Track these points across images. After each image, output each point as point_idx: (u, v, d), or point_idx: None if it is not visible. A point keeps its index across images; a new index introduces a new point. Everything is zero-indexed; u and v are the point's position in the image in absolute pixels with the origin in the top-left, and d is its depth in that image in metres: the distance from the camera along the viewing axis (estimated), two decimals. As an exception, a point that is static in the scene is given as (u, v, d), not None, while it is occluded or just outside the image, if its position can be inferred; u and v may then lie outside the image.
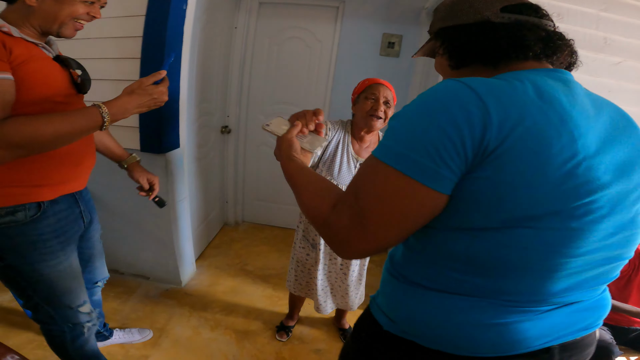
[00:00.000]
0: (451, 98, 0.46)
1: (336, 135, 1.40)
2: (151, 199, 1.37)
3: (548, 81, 0.50)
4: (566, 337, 0.54)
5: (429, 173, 0.46)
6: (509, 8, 0.57)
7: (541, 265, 0.49)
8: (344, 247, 0.52)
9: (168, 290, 2.06)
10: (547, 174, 0.44)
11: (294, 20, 2.46)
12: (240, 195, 2.92)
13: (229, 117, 2.63)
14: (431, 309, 0.54)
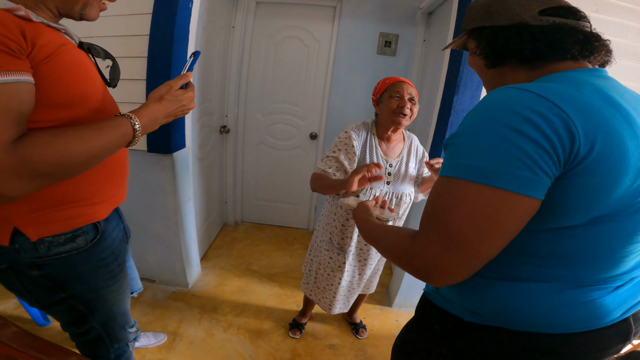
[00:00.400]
0: (527, 108, 0.47)
1: (361, 140, 1.37)
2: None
3: (599, 82, 0.54)
4: (635, 307, 0.61)
5: (529, 183, 0.47)
6: (547, 11, 0.59)
7: (618, 251, 0.55)
8: (436, 274, 0.51)
9: (175, 292, 2.05)
10: (628, 175, 0.49)
11: (291, 20, 2.48)
12: (239, 195, 2.92)
13: (227, 117, 2.63)
14: (520, 298, 0.57)
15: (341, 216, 1.44)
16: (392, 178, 1.39)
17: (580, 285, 0.57)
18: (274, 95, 2.65)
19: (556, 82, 0.53)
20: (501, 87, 0.54)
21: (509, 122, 0.47)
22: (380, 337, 1.89)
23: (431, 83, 2.22)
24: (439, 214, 0.52)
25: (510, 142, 0.46)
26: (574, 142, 0.46)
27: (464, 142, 0.51)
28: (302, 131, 2.73)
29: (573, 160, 0.47)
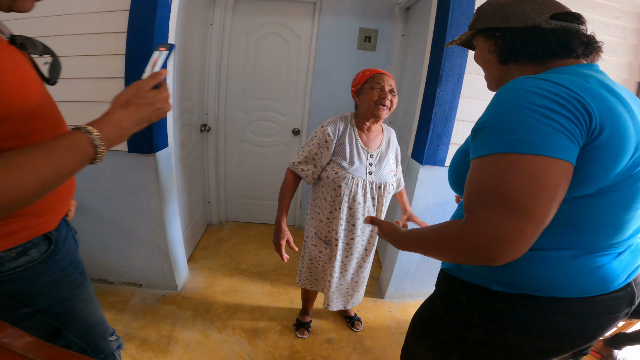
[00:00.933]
0: (550, 92, 0.55)
1: (338, 133, 1.38)
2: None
3: (598, 75, 0.63)
4: (635, 272, 0.71)
5: (570, 150, 0.53)
6: (557, 16, 0.68)
7: (620, 218, 0.63)
8: (500, 249, 0.52)
9: (165, 295, 2.00)
10: (628, 150, 0.57)
11: (271, 16, 2.45)
12: (223, 194, 2.87)
13: (208, 115, 2.57)
14: (544, 266, 0.64)
15: (325, 209, 1.45)
16: (373, 169, 1.41)
17: (591, 251, 0.64)
18: (255, 92, 2.61)
19: (565, 74, 0.61)
20: (520, 77, 0.60)
21: (542, 103, 0.54)
22: (376, 328, 1.92)
23: (411, 76, 2.27)
24: (492, 190, 0.54)
25: (549, 118, 0.53)
26: (592, 120, 0.54)
27: (504, 122, 0.56)
28: (284, 127, 2.71)
29: (591, 135, 0.55)
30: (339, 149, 1.38)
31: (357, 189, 1.38)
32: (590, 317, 0.67)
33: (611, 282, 0.66)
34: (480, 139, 0.58)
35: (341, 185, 1.36)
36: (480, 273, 0.71)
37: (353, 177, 1.36)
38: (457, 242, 0.56)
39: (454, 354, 0.76)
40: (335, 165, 1.37)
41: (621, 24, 1.75)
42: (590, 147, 0.55)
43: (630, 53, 1.80)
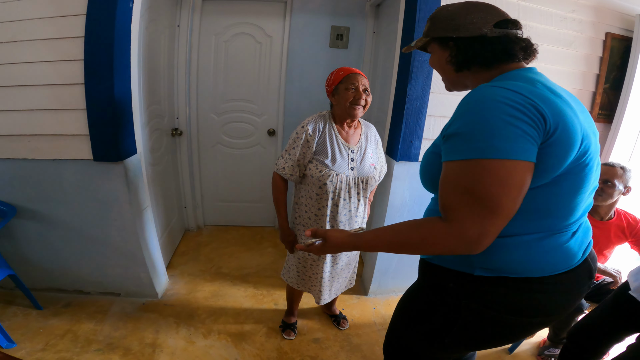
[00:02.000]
0: (511, 100, 0.62)
1: (319, 131, 1.40)
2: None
3: (540, 78, 0.70)
4: (588, 247, 0.80)
5: (532, 152, 0.62)
6: (499, 23, 0.75)
7: (573, 200, 0.71)
8: (481, 239, 0.63)
9: (145, 303, 1.96)
10: (576, 143, 0.65)
11: (241, 17, 2.41)
12: (199, 198, 2.82)
13: (179, 119, 2.51)
14: (517, 250, 0.72)
15: (312, 207, 1.45)
16: (355, 164, 1.43)
17: (553, 233, 0.73)
18: (228, 93, 2.57)
19: (515, 80, 0.69)
20: (482, 86, 0.68)
21: (505, 111, 0.61)
22: (362, 325, 1.93)
23: (383, 73, 2.29)
24: (471, 191, 0.63)
25: (513, 125, 0.61)
26: (546, 122, 0.62)
27: (473, 130, 0.63)
28: (259, 128, 2.69)
29: (546, 135, 0.63)
30: (320, 147, 1.39)
31: (342, 185, 1.40)
32: (560, 292, 0.75)
33: (572, 258, 0.75)
34: (454, 144, 0.66)
35: (326, 183, 1.38)
36: (462, 261, 0.76)
37: (337, 174, 1.38)
38: (446, 239, 0.65)
39: (446, 337, 0.81)
40: (319, 164, 1.38)
41: (577, 17, 1.82)
42: (546, 144, 0.63)
43: (587, 46, 1.87)
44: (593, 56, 1.91)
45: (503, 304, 0.74)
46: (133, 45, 1.52)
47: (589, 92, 1.98)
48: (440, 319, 0.82)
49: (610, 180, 1.54)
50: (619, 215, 1.65)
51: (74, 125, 1.51)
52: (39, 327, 1.70)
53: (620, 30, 1.93)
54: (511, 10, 1.71)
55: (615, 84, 1.98)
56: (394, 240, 0.73)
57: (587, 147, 0.67)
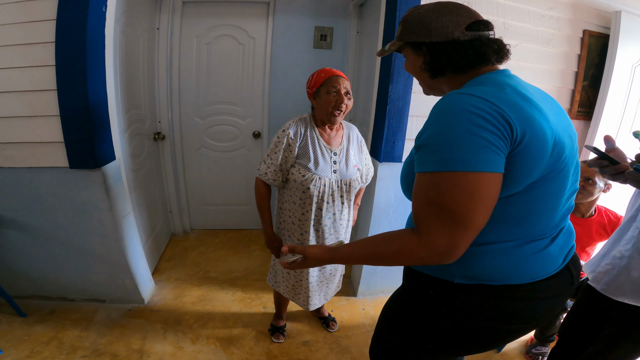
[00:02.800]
0: (477, 109, 0.61)
1: (301, 135, 1.38)
2: None
3: (511, 82, 0.69)
4: (570, 252, 0.79)
5: (498, 162, 0.61)
6: (471, 26, 0.73)
7: (550, 206, 0.71)
8: (452, 251, 0.63)
9: (131, 309, 1.94)
10: (548, 148, 0.64)
11: (222, 18, 2.39)
12: (185, 203, 2.79)
13: (161, 123, 2.47)
14: (495, 257, 0.72)
15: (296, 211, 1.44)
16: (338, 166, 1.42)
17: (530, 239, 0.72)
18: (211, 96, 2.54)
19: (485, 85, 0.68)
20: (451, 93, 0.67)
21: (470, 120, 0.61)
22: (351, 327, 1.92)
23: (367, 74, 2.29)
24: (438, 203, 0.63)
25: (477, 135, 0.60)
26: (512, 130, 0.61)
27: (438, 141, 0.63)
28: (244, 131, 2.66)
29: (514, 143, 0.62)
30: (302, 151, 1.38)
31: (325, 188, 1.38)
32: (539, 300, 0.74)
33: (552, 265, 0.74)
34: (422, 155, 0.66)
35: (309, 188, 1.36)
36: (443, 269, 0.76)
37: (320, 177, 1.37)
38: (418, 251, 0.65)
39: (428, 342, 0.82)
40: (301, 168, 1.37)
41: (555, 15, 1.83)
42: (514, 153, 0.62)
43: (565, 44, 1.89)
44: (571, 54, 1.93)
45: (482, 311, 0.75)
46: (108, 50, 1.49)
47: (568, 90, 2.00)
48: (423, 326, 0.82)
49: (591, 177, 1.55)
50: (599, 212, 1.67)
51: (48, 132, 1.48)
52: (23, 335, 1.69)
53: (597, 27, 1.95)
54: (490, 9, 1.73)
55: (593, 81, 2.01)
56: (369, 253, 0.74)
57: (561, 152, 0.66)
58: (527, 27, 1.80)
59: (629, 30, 1.87)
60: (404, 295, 0.92)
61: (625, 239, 1.08)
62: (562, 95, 1.99)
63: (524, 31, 1.80)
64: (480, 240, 0.68)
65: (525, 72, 1.84)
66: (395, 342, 0.90)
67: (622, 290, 1.05)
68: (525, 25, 1.79)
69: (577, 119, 2.05)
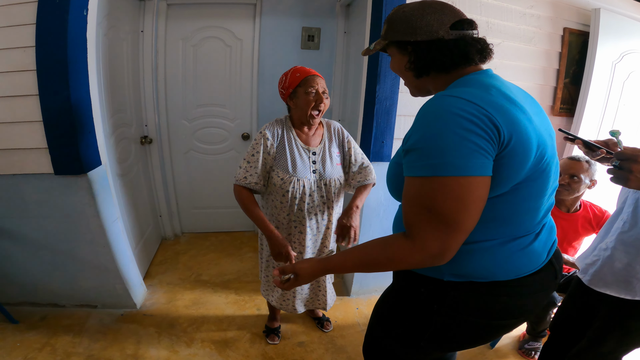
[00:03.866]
0: (465, 112, 0.61)
1: (278, 137, 1.36)
2: None
3: (495, 83, 0.70)
4: (553, 247, 0.81)
5: (486, 166, 0.62)
6: (455, 25, 0.73)
7: (534, 204, 0.73)
8: (445, 253, 0.65)
9: (124, 315, 1.92)
10: (532, 150, 0.65)
11: (209, 20, 2.37)
12: (174, 206, 2.76)
13: (148, 127, 2.44)
14: (482, 256, 0.73)
15: (278, 215, 1.43)
16: (317, 166, 1.40)
17: (515, 237, 0.74)
18: (198, 99, 2.52)
19: (470, 87, 0.69)
20: (438, 95, 0.68)
21: (459, 124, 0.61)
22: (346, 327, 1.93)
23: (355, 74, 2.30)
24: (429, 208, 0.63)
25: (466, 139, 0.60)
26: (500, 133, 0.62)
27: (428, 146, 0.63)
28: (233, 133, 2.65)
29: (501, 146, 0.63)
30: (280, 154, 1.35)
31: (305, 190, 1.36)
32: (525, 295, 0.77)
33: (537, 260, 0.76)
34: (412, 160, 0.66)
35: (289, 190, 1.34)
36: (433, 267, 0.77)
37: (299, 179, 1.34)
38: (411, 255, 0.66)
39: (421, 340, 0.83)
40: (280, 171, 1.35)
41: (536, 13, 1.87)
42: (501, 156, 0.63)
43: (546, 41, 1.93)
44: (552, 51, 1.97)
45: (472, 307, 0.76)
46: (90, 53, 1.46)
47: (550, 87, 2.04)
48: (415, 323, 0.83)
49: (576, 175, 1.57)
50: (585, 207, 1.71)
51: (31, 139, 1.45)
52: (16, 341, 1.68)
53: (577, 25, 1.99)
54: (473, 7, 1.76)
55: (575, 78, 2.05)
56: (363, 261, 0.75)
57: (543, 153, 0.67)
58: (509, 26, 1.83)
59: (608, 28, 1.91)
60: (395, 294, 0.92)
61: (612, 231, 1.10)
62: (545, 92, 2.03)
63: (507, 30, 1.83)
64: (468, 240, 0.69)
65: (508, 70, 1.87)
66: (388, 340, 0.91)
67: (604, 282, 1.07)
68: (508, 24, 1.82)
69: (559, 115, 2.10)
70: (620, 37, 1.95)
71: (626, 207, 1.06)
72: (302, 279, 0.83)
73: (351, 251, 0.77)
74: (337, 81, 2.61)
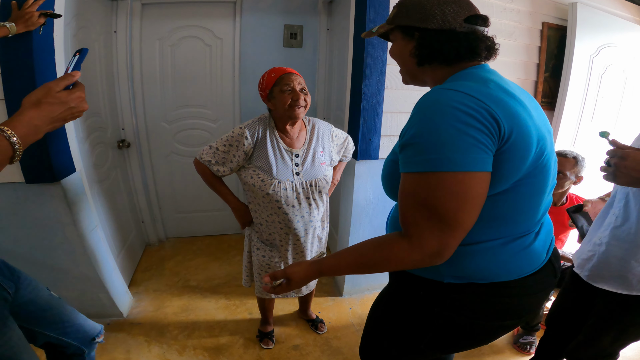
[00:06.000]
0: (464, 105, 0.59)
1: (257, 137, 1.33)
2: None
3: (493, 77, 0.68)
4: (551, 245, 0.80)
5: (486, 161, 0.60)
6: (470, 19, 0.71)
7: (535, 202, 0.71)
8: (443, 252, 0.63)
9: (110, 323, 1.86)
10: (533, 144, 0.64)
11: (186, 19, 2.29)
12: (157, 211, 2.68)
13: (125, 130, 2.35)
14: (483, 257, 0.71)
15: (262, 213, 1.41)
16: (300, 168, 1.37)
17: (516, 236, 0.72)
18: (178, 100, 2.44)
19: (468, 81, 0.67)
20: (435, 89, 0.66)
21: (458, 118, 0.59)
22: (340, 328, 1.91)
23: (339, 71, 2.27)
24: (427, 205, 0.61)
25: (465, 133, 0.58)
26: (500, 127, 0.60)
27: (425, 140, 0.60)
28: (216, 134, 2.58)
29: (501, 141, 0.61)
30: (260, 154, 1.32)
31: (287, 192, 1.34)
32: (527, 295, 0.76)
33: (537, 259, 0.75)
34: (408, 155, 0.63)
35: (269, 193, 1.32)
36: (432, 269, 0.75)
37: (280, 181, 1.32)
38: (410, 255, 0.64)
39: (422, 342, 0.81)
40: (260, 172, 1.32)
41: (516, 8, 1.89)
42: (502, 151, 0.61)
43: (526, 36, 1.95)
44: (532, 46, 2.00)
45: (474, 309, 0.75)
46: (58, 55, 1.38)
47: (531, 82, 2.07)
48: (414, 326, 0.81)
49: (562, 171, 1.57)
50: (571, 200, 1.73)
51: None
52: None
53: (555, 19, 2.03)
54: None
55: (554, 72, 2.10)
56: (358, 262, 0.72)
57: (543, 149, 0.66)
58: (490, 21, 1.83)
59: (585, 21, 1.95)
60: (391, 297, 0.90)
61: (604, 226, 1.10)
62: (526, 86, 2.07)
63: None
64: (468, 240, 0.68)
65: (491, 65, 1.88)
66: (386, 343, 0.89)
67: (601, 277, 1.07)
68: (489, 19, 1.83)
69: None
70: (597, 31, 2.00)
71: (617, 202, 1.07)
72: (294, 283, 0.80)
73: (345, 252, 0.75)
74: (321, 79, 2.58)
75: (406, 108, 1.84)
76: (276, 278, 0.81)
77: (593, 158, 1.62)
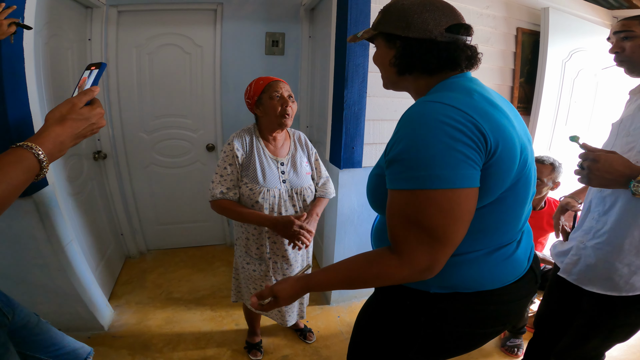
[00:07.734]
0: (451, 119, 0.59)
1: (246, 147, 1.35)
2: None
3: (475, 87, 0.68)
4: (531, 253, 0.82)
5: (474, 177, 0.60)
6: (451, 28, 0.69)
7: (518, 212, 0.72)
8: (433, 267, 0.63)
9: (90, 337, 1.80)
10: (518, 155, 0.64)
11: (165, 27, 2.25)
12: (137, 223, 2.60)
13: (101, 141, 2.27)
14: (468, 267, 0.72)
15: (250, 225, 1.39)
16: (287, 176, 1.39)
17: (500, 246, 0.74)
18: (156, 109, 2.38)
19: (452, 91, 0.66)
20: (420, 102, 0.65)
21: (446, 133, 0.58)
22: (329, 336, 1.89)
23: (322, 78, 2.27)
24: (417, 222, 0.61)
25: (453, 149, 0.58)
26: (486, 140, 0.60)
27: (414, 156, 0.59)
28: (196, 144, 2.53)
29: (488, 155, 0.61)
30: (248, 164, 1.34)
31: (275, 200, 1.35)
32: (511, 302, 0.77)
33: (519, 268, 0.76)
34: (396, 171, 0.62)
35: (258, 201, 1.32)
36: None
37: (268, 189, 1.33)
38: (399, 271, 0.63)
39: (410, 351, 0.81)
40: (248, 182, 1.33)
41: (492, 13, 1.93)
42: (489, 164, 0.61)
43: (502, 42, 2.00)
44: (508, 52, 2.05)
45: (460, 318, 0.76)
46: (28, 64, 1.33)
47: (507, 87, 2.12)
48: (401, 336, 0.81)
49: (539, 177, 1.58)
50: (549, 204, 1.77)
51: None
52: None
53: (529, 24, 2.08)
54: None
55: (529, 77, 2.15)
56: (347, 278, 0.71)
57: (526, 158, 0.67)
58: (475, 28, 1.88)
59: (557, 26, 2.00)
60: (377, 306, 0.90)
61: (584, 229, 1.11)
62: (503, 92, 2.11)
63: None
64: (455, 252, 0.67)
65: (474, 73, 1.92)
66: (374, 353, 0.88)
67: (589, 279, 1.07)
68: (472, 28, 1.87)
69: (518, 113, 2.19)
70: (569, 36, 2.06)
71: (594, 206, 1.08)
72: (282, 300, 0.78)
73: (334, 268, 0.74)
74: (303, 87, 2.57)
75: (389, 116, 1.85)
76: (263, 297, 0.79)
77: (568, 162, 1.66)
